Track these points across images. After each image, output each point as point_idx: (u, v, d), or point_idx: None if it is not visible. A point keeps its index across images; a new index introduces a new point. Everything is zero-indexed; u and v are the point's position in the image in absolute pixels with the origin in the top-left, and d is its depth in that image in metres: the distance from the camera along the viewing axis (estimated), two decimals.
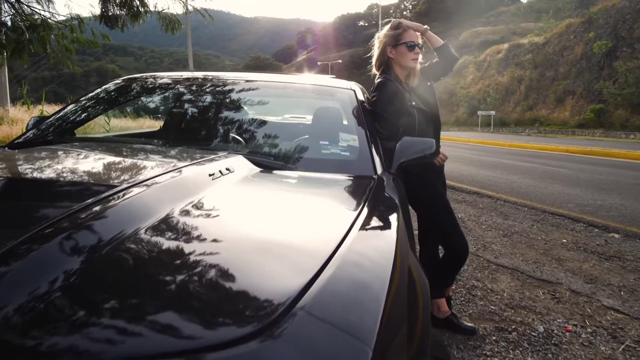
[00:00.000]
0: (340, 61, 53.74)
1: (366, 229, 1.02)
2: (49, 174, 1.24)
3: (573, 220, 5.11)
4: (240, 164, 1.45)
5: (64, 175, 1.22)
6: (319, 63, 58.05)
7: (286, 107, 2.19)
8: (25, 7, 5.43)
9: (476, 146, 16.85)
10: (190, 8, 5.90)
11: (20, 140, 1.96)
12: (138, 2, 5.03)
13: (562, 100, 27.84)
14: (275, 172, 1.52)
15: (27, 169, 1.31)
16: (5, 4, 5.10)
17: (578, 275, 3.42)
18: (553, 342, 2.45)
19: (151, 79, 2.35)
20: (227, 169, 1.34)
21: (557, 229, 4.77)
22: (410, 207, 2.69)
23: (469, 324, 2.54)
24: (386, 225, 1.15)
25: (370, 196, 1.34)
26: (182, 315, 0.60)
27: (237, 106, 2.09)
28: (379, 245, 0.97)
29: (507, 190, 6.90)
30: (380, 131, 2.05)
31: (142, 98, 2.36)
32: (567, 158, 11.95)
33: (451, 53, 2.36)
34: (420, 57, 2.29)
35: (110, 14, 5.09)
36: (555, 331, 2.56)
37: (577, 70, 27.74)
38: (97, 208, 0.88)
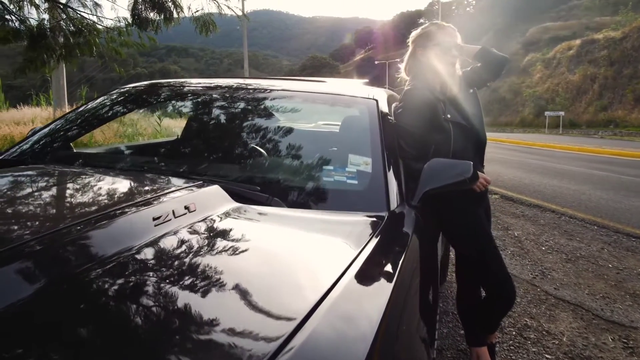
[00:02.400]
0: (398, 60, 52.62)
1: (349, 295, 0.80)
2: None
3: None
4: (208, 199, 1.15)
5: None
6: (376, 62, 57.27)
7: (292, 119, 1.86)
8: (72, 12, 5.50)
9: (541, 150, 15.69)
10: (225, 9, 5.76)
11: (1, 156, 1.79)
12: (171, 4, 4.93)
13: None
14: (255, 208, 1.21)
15: None
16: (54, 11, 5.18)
17: None
18: None
19: (155, 88, 2.14)
20: (186, 208, 1.05)
21: (632, 254, 4.12)
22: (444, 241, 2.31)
23: None
24: (376, 290, 0.89)
25: (369, 245, 1.04)
26: None
27: (236, 118, 1.81)
28: (356, 324, 0.75)
29: (573, 204, 6.18)
30: (406, 149, 1.69)
31: (141, 108, 2.15)
32: None
33: (495, 54, 1.95)
34: (458, 60, 1.90)
35: (142, 16, 5.03)
36: None
37: None
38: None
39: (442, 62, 1.86)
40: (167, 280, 0.77)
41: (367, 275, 0.91)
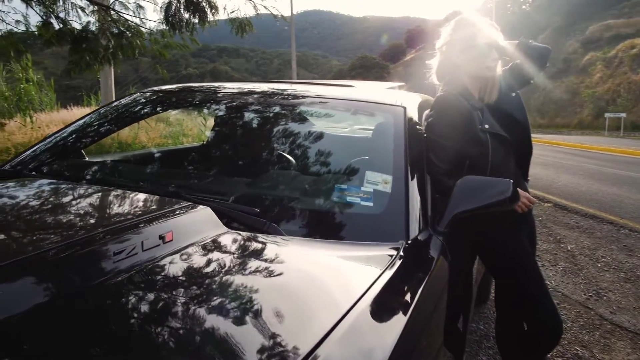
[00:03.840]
0: None
1: (354, 332, 0.72)
2: None
3: None
4: (192, 225, 1.01)
5: None
6: (427, 62, 56.29)
7: (308, 129, 1.70)
8: (116, 14, 5.60)
9: (600, 154, 14.70)
10: (261, 9, 5.71)
11: (6, 166, 1.73)
12: (205, 4, 4.89)
13: None
14: (244, 238, 1.05)
15: None
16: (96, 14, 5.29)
17: None
18: None
19: (170, 92, 2.07)
20: (161, 238, 0.91)
21: None
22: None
23: None
24: (384, 329, 0.80)
25: (379, 282, 0.89)
26: None
27: (253, 129, 1.68)
28: None
29: (635, 215, 5.66)
30: (436, 164, 1.50)
31: (155, 113, 2.07)
32: None
33: (535, 46, 1.72)
34: (499, 63, 1.68)
35: (176, 17, 5.04)
36: None
37: None
38: None
39: (482, 65, 1.63)
40: (110, 335, 0.64)
41: (373, 316, 0.79)
